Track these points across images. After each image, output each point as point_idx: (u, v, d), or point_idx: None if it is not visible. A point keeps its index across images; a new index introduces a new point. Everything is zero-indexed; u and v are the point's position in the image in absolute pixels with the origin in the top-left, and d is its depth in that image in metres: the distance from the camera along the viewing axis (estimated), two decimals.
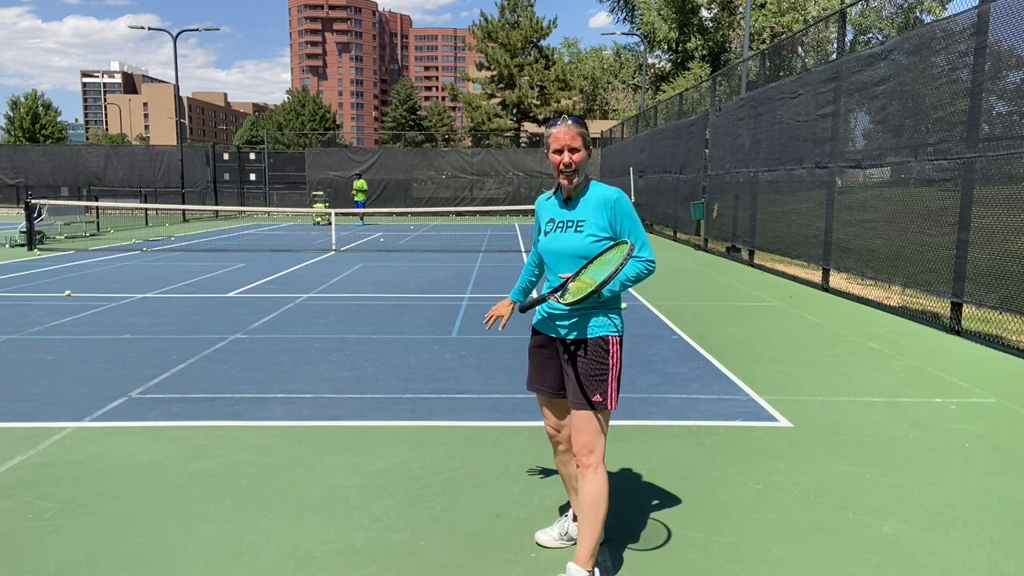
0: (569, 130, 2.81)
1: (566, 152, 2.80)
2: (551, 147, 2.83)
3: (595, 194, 2.88)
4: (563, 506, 3.48)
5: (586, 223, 2.84)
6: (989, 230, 7.18)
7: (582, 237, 2.83)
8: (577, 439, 2.86)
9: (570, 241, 2.85)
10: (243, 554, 3.08)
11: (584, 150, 2.82)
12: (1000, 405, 5.17)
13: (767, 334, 7.57)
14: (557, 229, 2.90)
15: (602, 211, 2.83)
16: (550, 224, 2.94)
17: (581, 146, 2.81)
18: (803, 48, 18.31)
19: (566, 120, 2.85)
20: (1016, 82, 7.13)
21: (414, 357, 6.47)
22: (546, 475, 3.90)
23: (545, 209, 3.02)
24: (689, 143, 18.49)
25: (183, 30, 34.94)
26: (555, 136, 2.82)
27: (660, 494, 3.67)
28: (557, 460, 3.21)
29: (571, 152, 2.80)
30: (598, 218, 2.83)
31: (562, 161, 2.81)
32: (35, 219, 17.07)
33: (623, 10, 45.52)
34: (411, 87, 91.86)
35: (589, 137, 2.88)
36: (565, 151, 2.80)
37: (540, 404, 3.13)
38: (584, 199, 2.88)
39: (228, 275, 12.16)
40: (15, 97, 66.05)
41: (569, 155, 2.81)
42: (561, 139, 2.80)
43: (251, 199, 36.90)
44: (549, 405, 3.08)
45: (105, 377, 5.76)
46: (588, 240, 2.81)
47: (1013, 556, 3.08)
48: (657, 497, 3.63)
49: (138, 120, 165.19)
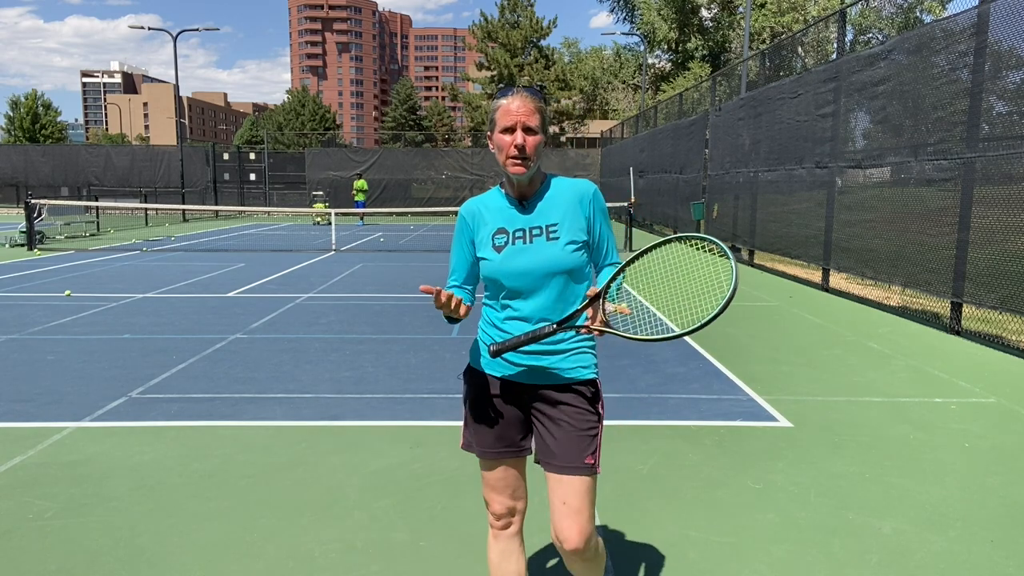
0: (524, 103, 2.08)
1: (519, 132, 2.07)
2: (498, 124, 2.10)
3: (563, 189, 2.21)
4: None
5: (560, 227, 2.16)
6: (989, 230, 7.18)
7: (559, 246, 2.15)
8: (573, 523, 2.12)
9: (543, 253, 2.14)
10: (243, 554, 3.08)
11: (542, 133, 2.12)
12: (1000, 405, 5.17)
13: (767, 334, 7.57)
14: (517, 240, 2.17)
15: (579, 208, 2.18)
16: (502, 236, 2.19)
17: (539, 126, 2.10)
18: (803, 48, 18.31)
19: (520, 91, 2.12)
20: (1016, 82, 7.13)
21: (414, 357, 6.47)
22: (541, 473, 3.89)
23: (485, 217, 2.23)
24: (689, 143, 18.49)
25: (183, 30, 34.96)
26: (504, 109, 2.09)
27: (660, 494, 3.66)
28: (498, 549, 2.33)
29: (526, 132, 2.08)
30: (575, 219, 2.18)
31: (513, 142, 2.07)
32: (35, 219, 17.06)
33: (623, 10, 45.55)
34: (411, 87, 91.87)
35: (548, 116, 2.19)
36: (518, 130, 2.08)
37: (488, 472, 2.29)
38: (548, 196, 2.19)
39: (228, 275, 12.16)
40: (15, 97, 66.09)
41: (523, 136, 2.07)
42: (514, 113, 2.07)
43: (251, 199, 36.90)
44: (507, 469, 2.28)
45: (105, 377, 5.76)
46: (568, 249, 2.15)
47: (1013, 556, 3.08)
48: (657, 497, 3.63)
49: (138, 120, 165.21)
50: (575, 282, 2.18)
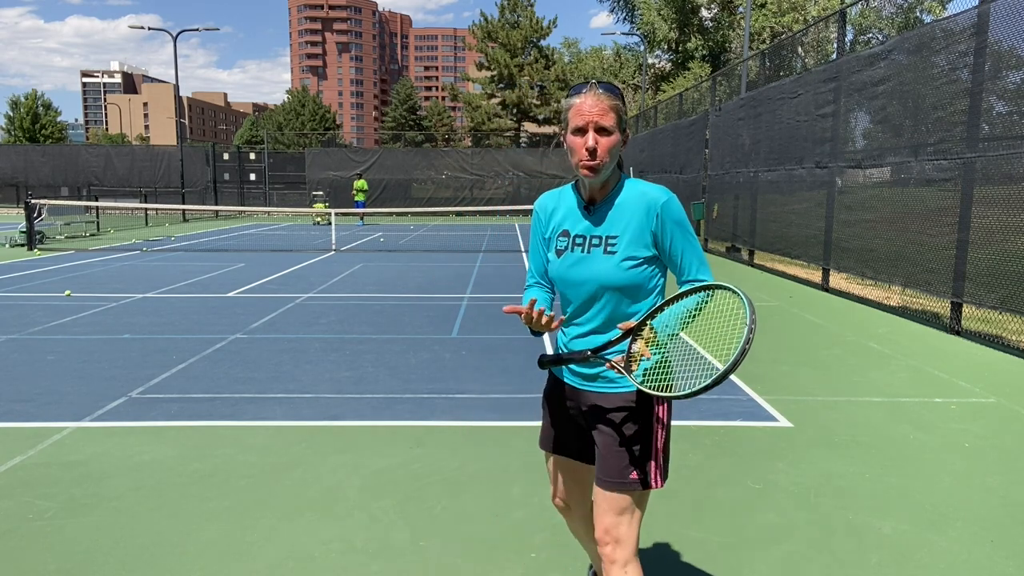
0: (599, 101, 1.91)
1: (591, 133, 1.91)
2: (571, 124, 1.94)
3: (633, 196, 2.00)
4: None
5: (620, 239, 1.98)
6: (989, 230, 7.18)
7: (614, 261, 1.98)
8: (599, 522, 2.04)
9: (597, 267, 1.99)
10: (243, 554, 3.08)
11: (618, 133, 1.94)
12: (1000, 405, 5.17)
13: (767, 334, 7.57)
14: (576, 247, 2.02)
15: (645, 221, 1.98)
16: (563, 239, 2.05)
17: (614, 126, 1.92)
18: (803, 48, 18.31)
19: (595, 88, 1.94)
20: (1016, 82, 7.13)
21: (414, 357, 6.47)
22: (546, 475, 3.89)
23: (556, 215, 2.11)
24: (689, 143, 18.49)
25: (183, 30, 34.97)
26: (576, 109, 1.93)
27: (660, 494, 3.66)
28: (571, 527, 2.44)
29: (599, 133, 1.91)
30: (639, 232, 1.98)
31: (585, 145, 1.91)
32: (35, 219, 17.07)
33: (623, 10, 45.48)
34: (411, 87, 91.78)
35: (626, 115, 1.99)
36: (590, 131, 1.91)
37: (550, 469, 2.30)
38: (617, 203, 2.01)
39: (228, 275, 12.16)
40: (15, 97, 66.09)
41: (595, 137, 1.91)
42: (587, 112, 1.91)
43: (251, 199, 36.91)
44: (565, 473, 2.27)
45: (105, 377, 5.76)
46: (625, 265, 1.97)
47: (1013, 556, 3.08)
48: (657, 497, 3.63)
49: (138, 120, 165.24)
50: (634, 301, 2.02)
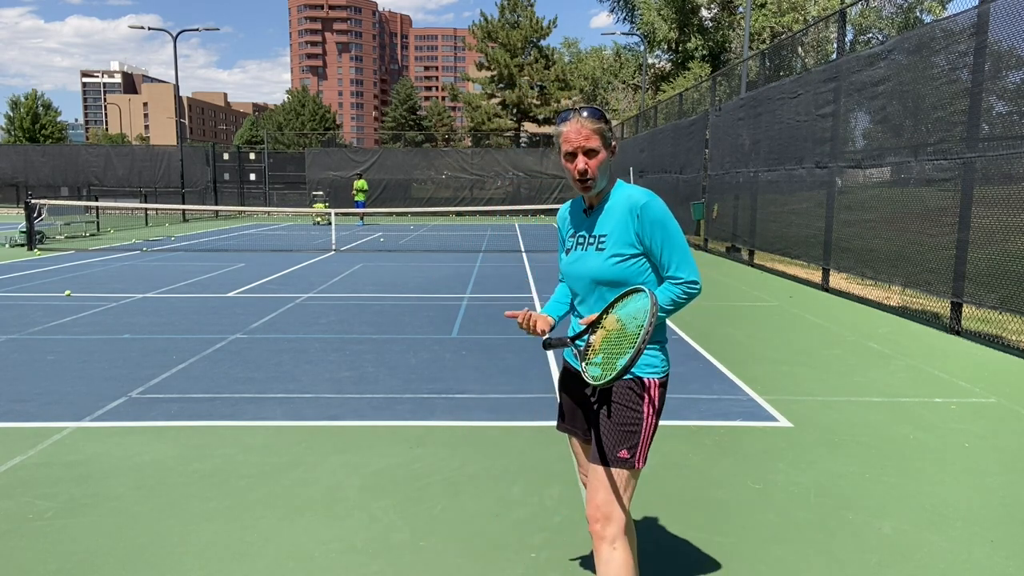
0: (582, 127, 2.18)
1: (580, 157, 2.20)
2: (562, 149, 2.23)
3: (620, 199, 2.27)
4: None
5: (608, 238, 2.25)
6: (989, 230, 7.18)
7: (603, 257, 2.24)
8: (591, 499, 2.24)
9: (589, 262, 2.27)
10: (243, 554, 3.08)
11: (604, 150, 2.21)
12: (1000, 405, 5.17)
13: (767, 334, 7.57)
14: (578, 246, 2.33)
15: (629, 222, 2.22)
16: (572, 240, 2.38)
17: (600, 146, 2.20)
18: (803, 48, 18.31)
19: (579, 114, 2.21)
20: (1016, 82, 7.13)
21: (414, 357, 6.47)
22: (546, 475, 3.90)
23: (568, 221, 2.44)
24: (689, 143, 18.49)
25: (183, 30, 34.97)
26: (565, 137, 2.21)
27: (660, 494, 3.66)
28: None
29: (587, 155, 2.20)
30: (624, 231, 2.23)
31: (576, 168, 2.21)
32: (35, 219, 17.07)
33: (623, 10, 45.46)
34: (411, 87, 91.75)
35: (610, 132, 2.25)
36: (579, 155, 2.20)
37: (571, 448, 2.59)
38: (608, 207, 2.29)
39: (228, 275, 12.16)
40: (15, 97, 66.08)
41: (584, 160, 2.20)
42: (573, 140, 2.19)
43: (251, 199, 36.91)
44: (575, 445, 2.56)
45: (105, 377, 5.76)
46: (611, 261, 2.23)
47: (1013, 556, 3.08)
48: (657, 497, 3.63)
49: (138, 120, 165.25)
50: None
